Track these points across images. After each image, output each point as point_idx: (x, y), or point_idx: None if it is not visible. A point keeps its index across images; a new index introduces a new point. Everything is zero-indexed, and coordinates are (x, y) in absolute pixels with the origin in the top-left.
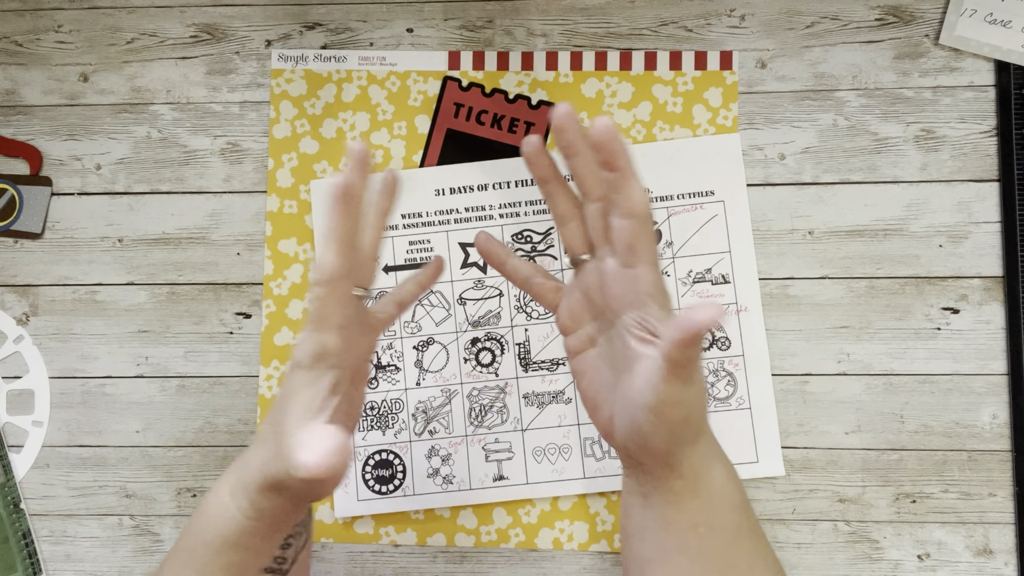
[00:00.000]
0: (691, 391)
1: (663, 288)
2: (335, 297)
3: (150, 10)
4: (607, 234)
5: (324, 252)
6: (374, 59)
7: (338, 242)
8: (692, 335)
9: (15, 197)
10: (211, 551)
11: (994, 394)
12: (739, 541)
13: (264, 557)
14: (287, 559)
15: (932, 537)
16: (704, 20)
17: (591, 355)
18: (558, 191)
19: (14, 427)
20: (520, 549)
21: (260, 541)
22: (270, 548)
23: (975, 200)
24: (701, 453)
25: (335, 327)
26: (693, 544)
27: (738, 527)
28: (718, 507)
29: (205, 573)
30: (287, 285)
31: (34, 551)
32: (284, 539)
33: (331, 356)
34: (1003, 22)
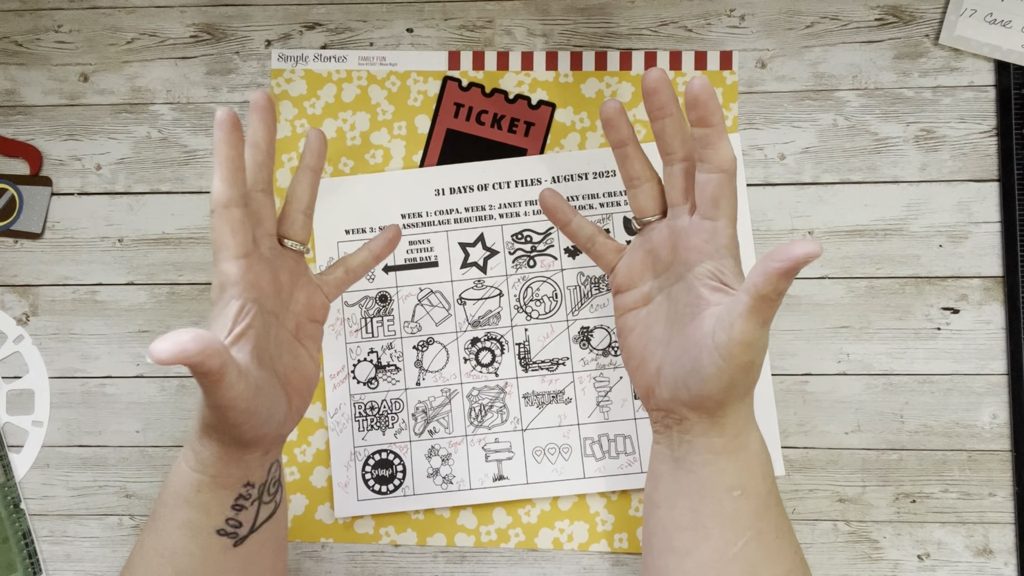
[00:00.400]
0: (764, 335)
1: (738, 244)
2: (228, 224)
3: (150, 10)
4: (688, 192)
5: (213, 179)
6: (374, 59)
7: (222, 167)
8: (790, 266)
9: (15, 197)
10: (167, 509)
11: (994, 394)
12: (769, 509)
13: (215, 517)
14: (241, 523)
15: (932, 537)
16: (704, 20)
17: (643, 312)
18: (635, 153)
19: (14, 427)
20: (520, 549)
21: (208, 497)
22: (220, 507)
23: (975, 200)
24: (745, 413)
25: (233, 257)
26: (728, 508)
27: (768, 495)
28: (753, 471)
29: (163, 533)
30: None
31: (34, 551)
32: (234, 499)
33: (232, 285)
34: (1003, 22)
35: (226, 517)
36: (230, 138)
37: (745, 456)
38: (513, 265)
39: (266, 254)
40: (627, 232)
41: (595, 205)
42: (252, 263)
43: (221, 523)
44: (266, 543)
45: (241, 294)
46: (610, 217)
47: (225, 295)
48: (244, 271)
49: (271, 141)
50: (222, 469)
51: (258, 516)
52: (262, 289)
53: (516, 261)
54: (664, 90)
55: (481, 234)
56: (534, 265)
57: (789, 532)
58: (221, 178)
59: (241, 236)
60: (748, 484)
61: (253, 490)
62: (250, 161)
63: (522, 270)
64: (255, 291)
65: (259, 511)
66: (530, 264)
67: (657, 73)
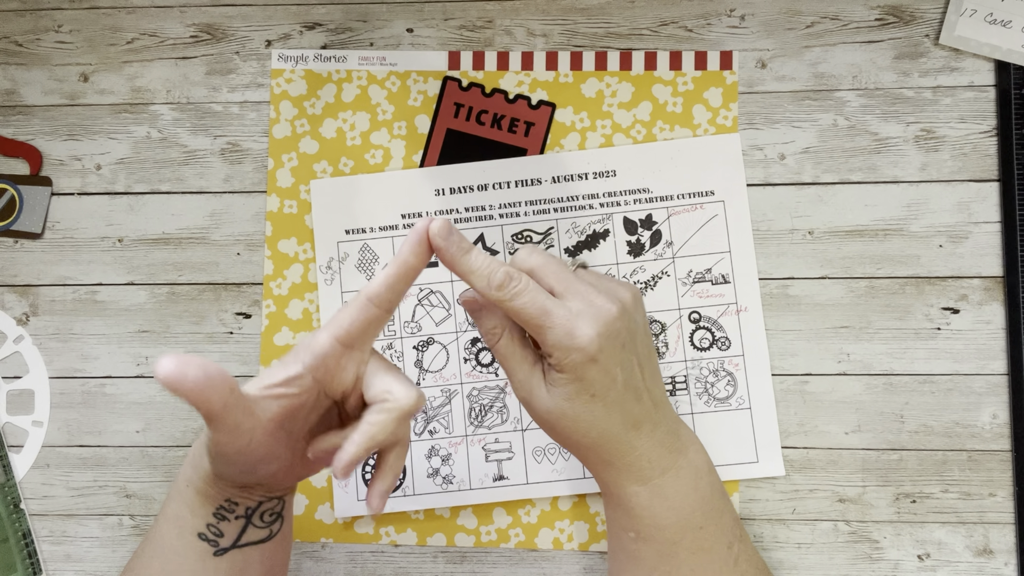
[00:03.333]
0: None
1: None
2: (359, 313)
3: (150, 10)
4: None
5: (379, 273)
6: (374, 59)
7: (396, 270)
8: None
9: (15, 197)
10: (168, 498)
11: (994, 394)
12: (677, 556)
13: (198, 519)
14: (223, 533)
15: (932, 537)
16: (704, 20)
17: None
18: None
19: (14, 427)
20: (520, 549)
21: (195, 496)
22: (203, 510)
23: (975, 200)
24: (602, 471)
25: (335, 336)
26: (628, 546)
27: (674, 544)
28: (641, 523)
29: (160, 523)
30: (287, 285)
31: (34, 551)
32: (216, 507)
33: (312, 355)
34: (1003, 22)
35: (207, 522)
36: (420, 249)
37: (626, 507)
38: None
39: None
40: (627, 233)
41: (595, 205)
42: (342, 356)
43: (202, 527)
44: (253, 565)
45: (313, 368)
46: (610, 217)
47: (299, 356)
48: (330, 353)
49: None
50: (207, 477)
51: (244, 534)
52: (331, 380)
53: None
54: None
55: (481, 234)
56: None
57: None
58: (387, 277)
59: (358, 330)
60: (641, 530)
61: (237, 507)
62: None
63: None
64: (327, 377)
65: (245, 529)
66: None
67: (468, 294)
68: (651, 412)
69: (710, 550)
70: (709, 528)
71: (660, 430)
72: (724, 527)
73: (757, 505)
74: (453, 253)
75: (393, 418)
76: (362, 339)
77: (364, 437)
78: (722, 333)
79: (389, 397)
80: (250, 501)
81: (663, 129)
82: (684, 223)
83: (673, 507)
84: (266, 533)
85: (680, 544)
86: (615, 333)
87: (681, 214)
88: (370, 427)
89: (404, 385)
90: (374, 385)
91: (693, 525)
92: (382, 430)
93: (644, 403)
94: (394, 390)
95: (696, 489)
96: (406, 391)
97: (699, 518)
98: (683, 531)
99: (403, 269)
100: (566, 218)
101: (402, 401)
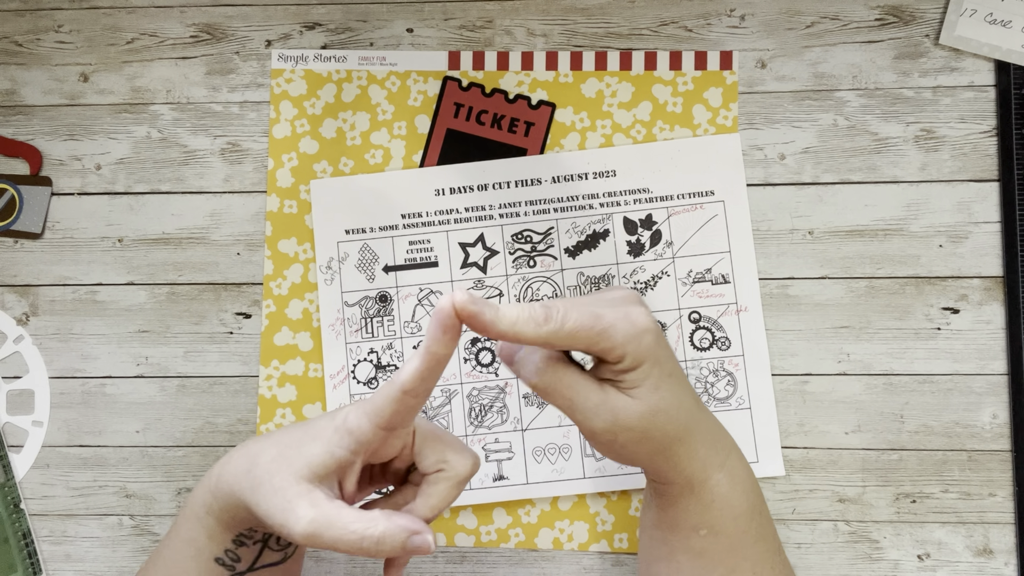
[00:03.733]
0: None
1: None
2: (398, 405)
3: (150, 10)
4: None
5: (410, 362)
6: (374, 59)
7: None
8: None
9: (15, 197)
10: (182, 519)
11: (994, 394)
12: (744, 547)
13: (217, 544)
14: (240, 558)
15: (932, 537)
16: (704, 20)
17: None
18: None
19: (14, 427)
20: (520, 549)
21: (215, 523)
22: (222, 537)
23: (975, 200)
24: (688, 463)
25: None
26: (696, 544)
27: (743, 533)
28: (719, 513)
29: (174, 543)
30: (287, 285)
31: (34, 551)
32: (236, 534)
33: (351, 438)
34: (1003, 22)
35: (225, 548)
36: (445, 339)
37: (707, 499)
38: (513, 265)
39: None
40: (627, 233)
41: (595, 205)
42: (386, 438)
43: (220, 552)
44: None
45: (358, 453)
46: (610, 217)
47: (337, 435)
48: (373, 439)
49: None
50: (229, 508)
51: (260, 558)
52: (375, 456)
53: (516, 261)
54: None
55: (481, 234)
56: (534, 265)
57: (772, 567)
58: (417, 370)
59: (399, 419)
60: (716, 524)
61: (256, 534)
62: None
63: (522, 270)
64: (371, 455)
65: (262, 553)
66: (530, 264)
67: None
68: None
69: (766, 537)
70: (765, 513)
71: (704, 405)
72: (768, 514)
73: None
74: (488, 318)
75: (452, 486)
76: (404, 422)
77: (427, 506)
78: (722, 333)
79: (445, 467)
80: (265, 527)
81: (663, 129)
82: (684, 223)
83: (745, 490)
84: (281, 556)
85: (747, 533)
86: (651, 316)
87: (681, 214)
88: (430, 497)
89: (458, 452)
90: (428, 456)
91: (757, 510)
92: (442, 500)
93: (687, 382)
94: (450, 459)
95: (748, 468)
96: (462, 459)
97: (760, 501)
98: (751, 518)
99: (432, 361)
100: (566, 218)
101: (459, 469)
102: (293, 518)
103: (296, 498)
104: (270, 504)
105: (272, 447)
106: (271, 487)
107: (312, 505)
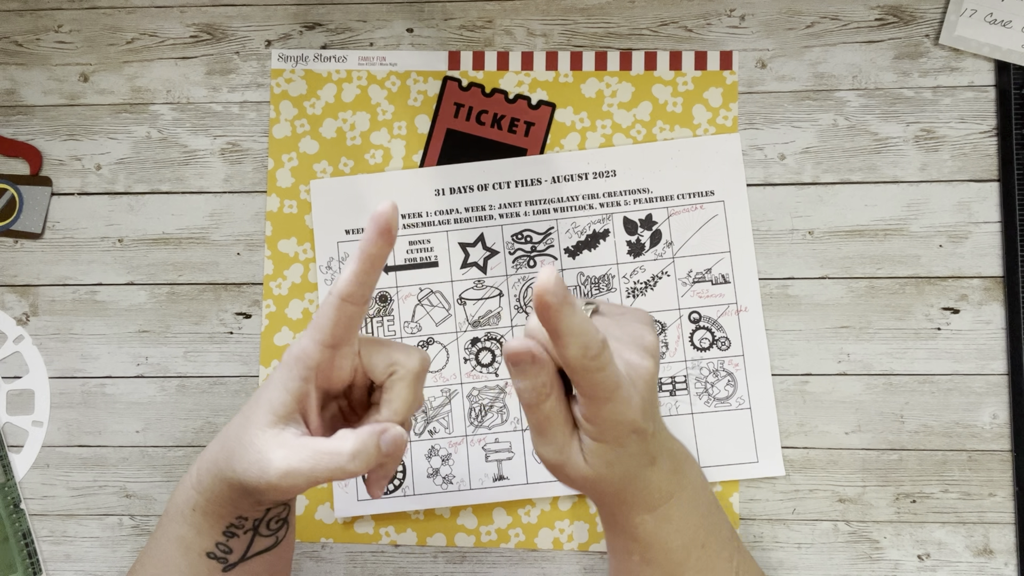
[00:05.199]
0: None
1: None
2: (337, 314)
3: (150, 10)
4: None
5: (345, 269)
6: (374, 59)
7: (361, 263)
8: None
9: (15, 197)
10: (168, 519)
11: (994, 394)
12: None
13: (207, 539)
14: (232, 549)
15: (932, 537)
16: (704, 20)
17: None
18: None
19: (14, 427)
20: (520, 549)
21: (202, 518)
22: (212, 531)
23: (975, 200)
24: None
25: (320, 341)
26: (632, 568)
27: (678, 565)
28: (646, 546)
29: (161, 543)
30: (287, 285)
31: (34, 551)
32: (226, 525)
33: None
34: (1003, 22)
35: (216, 541)
36: (380, 241)
37: (630, 533)
38: (513, 265)
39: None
40: (627, 233)
41: (595, 205)
42: (334, 357)
43: (211, 546)
44: (260, 574)
45: (309, 379)
46: (610, 217)
47: (292, 371)
48: (322, 359)
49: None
50: (214, 498)
51: (251, 546)
52: (330, 381)
53: (516, 261)
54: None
55: (481, 234)
56: (534, 265)
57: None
58: (353, 273)
59: (341, 330)
60: (645, 554)
61: (246, 521)
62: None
63: (522, 270)
64: (326, 380)
65: (253, 541)
66: (530, 264)
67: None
68: (661, 442)
69: (713, 568)
70: (711, 544)
71: (663, 456)
72: (723, 540)
73: (757, 505)
74: (562, 313)
75: (408, 384)
76: (347, 336)
77: (390, 411)
78: (722, 333)
79: (397, 368)
80: (258, 513)
81: (663, 129)
82: (684, 223)
83: (678, 529)
84: (272, 541)
85: (685, 565)
86: (651, 390)
87: (681, 214)
88: (391, 402)
89: (404, 351)
90: (377, 365)
91: (697, 544)
92: (403, 400)
93: (657, 436)
94: (397, 359)
95: (697, 508)
96: (409, 356)
97: (702, 536)
98: (688, 551)
99: (367, 263)
100: (566, 218)
101: (410, 366)
102: (266, 463)
103: (265, 445)
104: (246, 462)
105: (236, 417)
106: (242, 447)
107: (281, 445)
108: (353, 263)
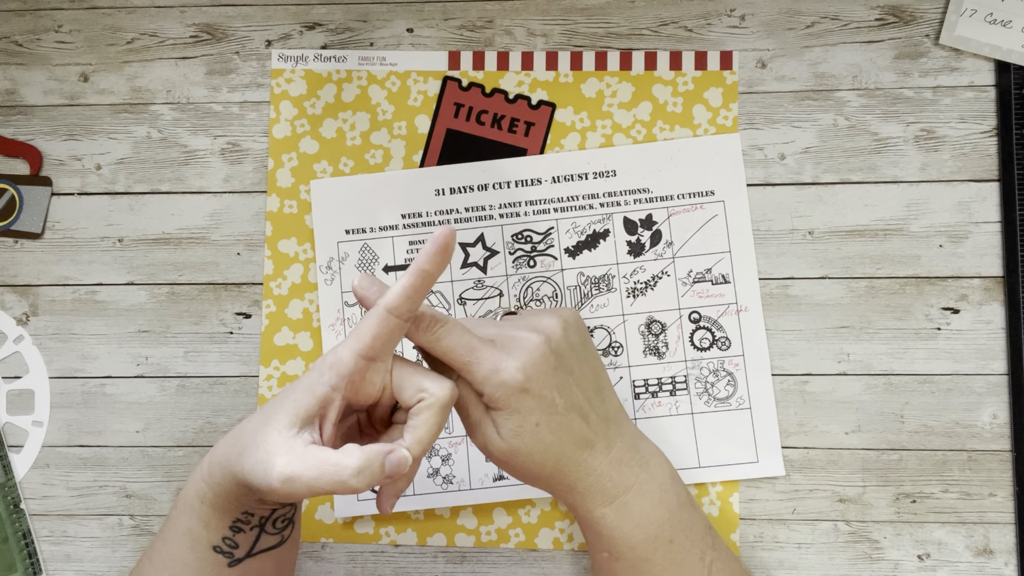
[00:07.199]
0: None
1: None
2: (380, 326)
3: (150, 10)
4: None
5: (398, 282)
6: (374, 59)
7: (413, 279)
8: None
9: (15, 197)
10: (176, 512)
11: (994, 394)
12: (651, 572)
13: (214, 533)
14: (238, 544)
15: (932, 537)
16: (704, 20)
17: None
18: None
19: (14, 427)
20: (520, 549)
21: (210, 511)
22: (219, 524)
23: (975, 200)
24: (568, 497)
25: (358, 352)
26: (605, 566)
27: (644, 561)
28: (611, 541)
29: (169, 536)
30: (287, 285)
31: (34, 551)
32: (233, 520)
33: (337, 374)
34: (1003, 22)
35: (223, 535)
36: (437, 259)
37: (595, 528)
38: (513, 265)
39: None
40: (627, 233)
41: (595, 205)
42: (367, 370)
43: (218, 540)
44: (265, 570)
45: (339, 388)
46: (610, 217)
47: (323, 376)
48: (356, 369)
49: (435, 278)
50: (222, 491)
51: (257, 543)
52: (358, 394)
53: (516, 261)
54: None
55: (481, 234)
56: (534, 265)
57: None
58: (404, 288)
59: (380, 343)
60: (612, 549)
61: (252, 518)
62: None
63: (522, 270)
64: (354, 392)
65: (259, 538)
66: (530, 264)
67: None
68: (603, 429)
69: (683, 563)
70: (679, 541)
71: (616, 447)
72: (695, 538)
73: (757, 505)
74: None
75: (435, 413)
76: (385, 350)
77: (414, 438)
78: (722, 333)
79: (425, 395)
80: (264, 511)
81: (663, 129)
82: (684, 223)
83: (640, 524)
84: (278, 539)
85: (652, 560)
86: (541, 359)
87: (681, 214)
88: (416, 428)
89: (435, 380)
90: (406, 388)
91: (663, 539)
92: (427, 428)
93: (592, 422)
94: (427, 387)
95: (662, 503)
96: (439, 385)
97: (668, 532)
98: (654, 547)
99: (420, 278)
100: (566, 218)
101: (439, 395)
102: (270, 465)
103: (274, 447)
104: (253, 460)
105: (257, 414)
106: (254, 444)
107: (289, 451)
108: (407, 278)
